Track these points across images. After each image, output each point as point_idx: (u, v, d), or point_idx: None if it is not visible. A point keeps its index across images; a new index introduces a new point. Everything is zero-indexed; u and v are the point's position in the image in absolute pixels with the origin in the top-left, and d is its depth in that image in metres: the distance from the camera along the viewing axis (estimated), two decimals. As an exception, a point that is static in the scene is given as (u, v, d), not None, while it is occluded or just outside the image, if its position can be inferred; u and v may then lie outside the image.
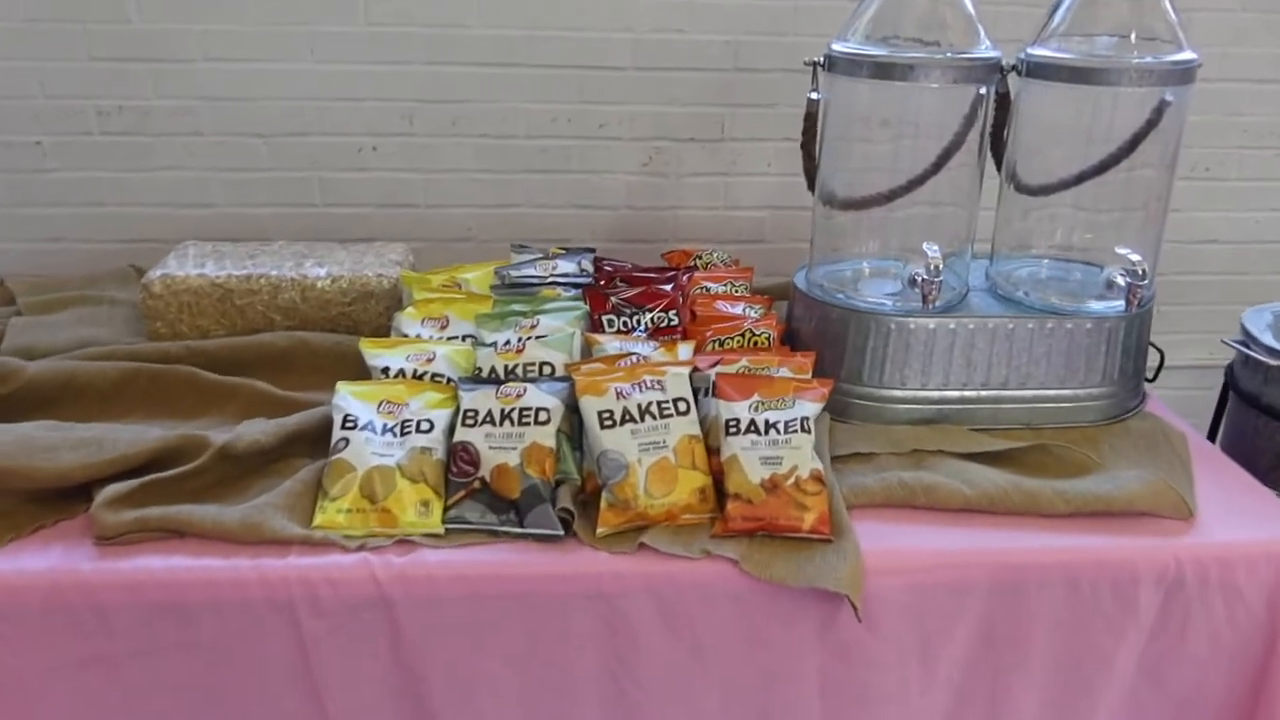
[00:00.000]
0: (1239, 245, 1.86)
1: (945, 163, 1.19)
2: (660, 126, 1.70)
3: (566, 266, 1.29)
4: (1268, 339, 1.26)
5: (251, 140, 1.65)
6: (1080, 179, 1.19)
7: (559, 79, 1.66)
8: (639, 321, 1.16)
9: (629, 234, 1.76)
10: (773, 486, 0.98)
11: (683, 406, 1.01)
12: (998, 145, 1.23)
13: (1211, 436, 1.41)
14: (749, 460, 0.99)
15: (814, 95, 1.17)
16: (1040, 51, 1.15)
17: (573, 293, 1.19)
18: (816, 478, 0.99)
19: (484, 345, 1.09)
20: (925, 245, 1.13)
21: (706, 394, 1.06)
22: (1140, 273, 1.13)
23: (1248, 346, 1.28)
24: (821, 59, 1.16)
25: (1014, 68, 1.17)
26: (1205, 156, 1.81)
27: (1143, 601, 1.00)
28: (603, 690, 0.97)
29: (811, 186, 1.24)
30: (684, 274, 1.24)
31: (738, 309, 1.25)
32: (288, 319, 1.27)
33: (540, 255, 1.33)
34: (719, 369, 1.06)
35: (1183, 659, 1.02)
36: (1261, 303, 1.87)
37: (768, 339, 1.18)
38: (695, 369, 1.09)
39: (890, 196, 1.20)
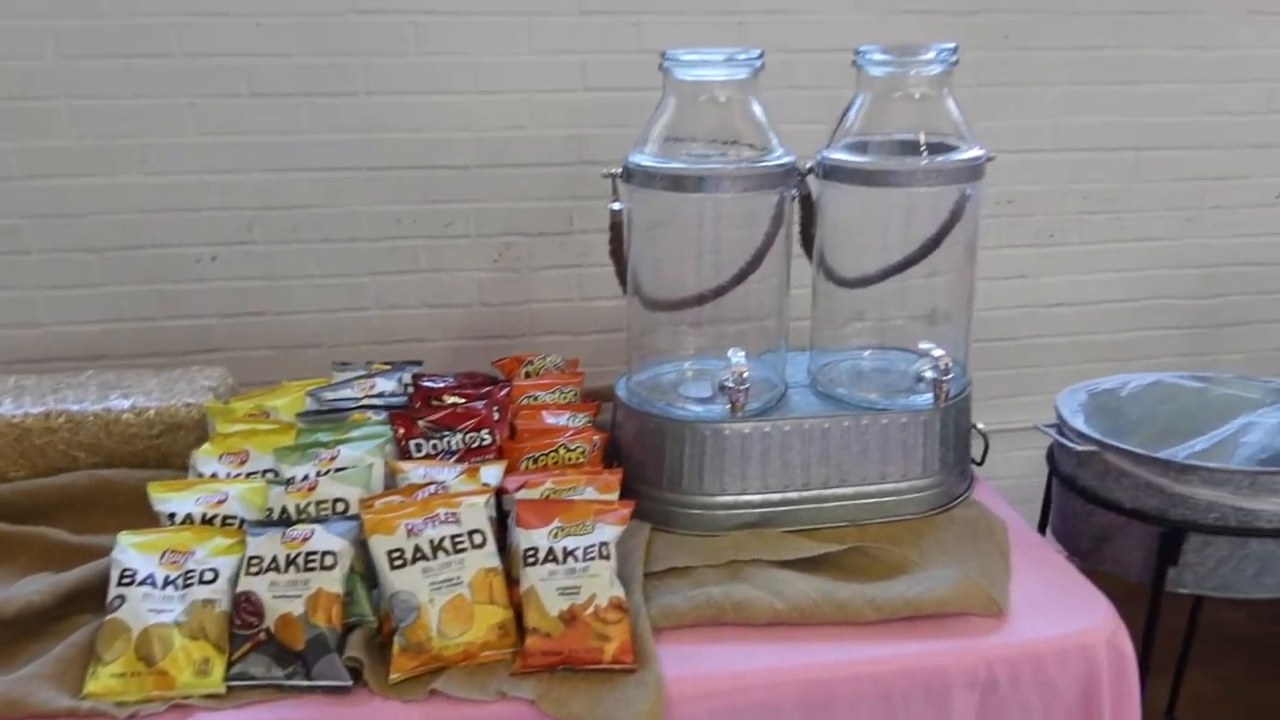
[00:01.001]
0: (1085, 307, 1.90)
1: (758, 264, 1.19)
2: (509, 222, 1.70)
3: (386, 385, 1.25)
4: (1078, 422, 1.27)
5: (83, 256, 1.61)
6: (886, 274, 1.20)
7: (401, 180, 1.65)
8: (449, 444, 1.13)
9: (484, 331, 1.74)
10: (571, 618, 0.95)
11: (478, 539, 0.98)
12: (808, 242, 1.24)
13: (1045, 512, 1.42)
14: (546, 591, 0.96)
15: (615, 206, 1.17)
16: (835, 155, 1.16)
17: (382, 416, 1.16)
18: (617, 605, 0.96)
19: (279, 483, 1.05)
20: (730, 352, 1.12)
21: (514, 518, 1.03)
22: (944, 367, 1.14)
23: (1060, 431, 1.29)
24: (619, 171, 1.16)
25: (812, 170, 1.18)
26: (1049, 223, 1.86)
27: (957, 706, 0.99)
28: None
29: (625, 291, 1.24)
30: (501, 388, 1.22)
31: (562, 419, 1.23)
32: (92, 456, 1.21)
33: (362, 373, 1.29)
34: (522, 494, 1.04)
35: (1004, 760, 1.01)
36: (1111, 361, 1.92)
37: (582, 453, 1.16)
38: (504, 491, 1.06)
39: (702, 299, 1.20)
